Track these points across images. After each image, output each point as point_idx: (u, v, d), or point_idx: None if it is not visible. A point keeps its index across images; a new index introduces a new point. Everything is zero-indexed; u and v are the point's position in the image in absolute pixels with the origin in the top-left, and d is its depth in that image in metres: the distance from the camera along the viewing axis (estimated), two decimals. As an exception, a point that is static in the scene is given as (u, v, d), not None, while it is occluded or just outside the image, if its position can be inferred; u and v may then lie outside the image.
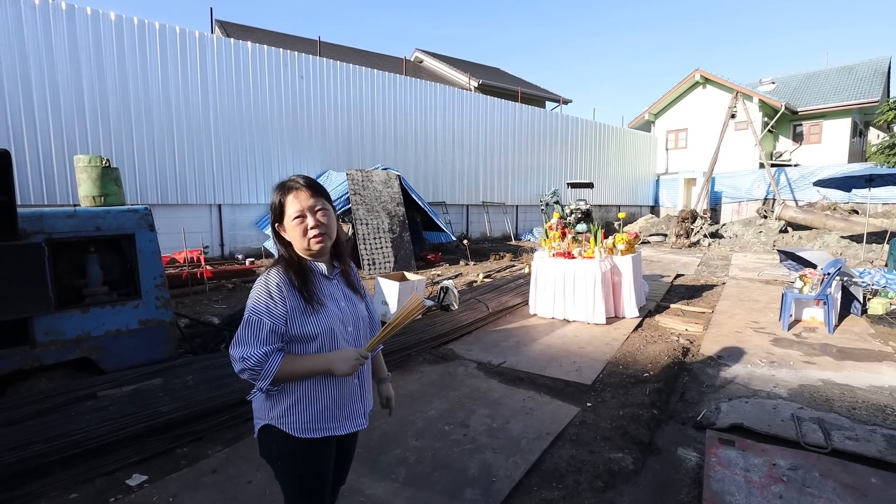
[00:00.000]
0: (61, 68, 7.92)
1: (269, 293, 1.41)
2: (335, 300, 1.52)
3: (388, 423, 3.22)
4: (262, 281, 1.43)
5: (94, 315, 3.47)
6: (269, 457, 1.54)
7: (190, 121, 9.31)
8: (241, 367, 1.38)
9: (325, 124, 11.37)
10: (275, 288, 1.41)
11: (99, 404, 3.03)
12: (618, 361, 4.41)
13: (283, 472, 1.53)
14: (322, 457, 1.55)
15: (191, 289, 6.99)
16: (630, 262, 5.87)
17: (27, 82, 7.65)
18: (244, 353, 1.38)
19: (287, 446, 1.49)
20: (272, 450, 1.51)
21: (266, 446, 1.52)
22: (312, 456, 1.53)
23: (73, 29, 8.00)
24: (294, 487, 1.54)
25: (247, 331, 1.39)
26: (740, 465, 2.68)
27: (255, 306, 1.41)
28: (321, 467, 1.56)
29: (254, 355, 1.37)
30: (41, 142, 7.80)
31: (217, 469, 2.70)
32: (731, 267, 10.27)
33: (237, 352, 1.39)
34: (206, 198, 9.61)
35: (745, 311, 6.21)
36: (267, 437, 1.51)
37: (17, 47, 7.54)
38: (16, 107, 7.57)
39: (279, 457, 1.51)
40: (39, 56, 7.73)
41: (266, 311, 1.40)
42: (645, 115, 23.93)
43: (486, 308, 5.84)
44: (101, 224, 3.52)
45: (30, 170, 7.70)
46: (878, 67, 21.50)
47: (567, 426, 3.18)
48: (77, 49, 8.04)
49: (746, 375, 4.04)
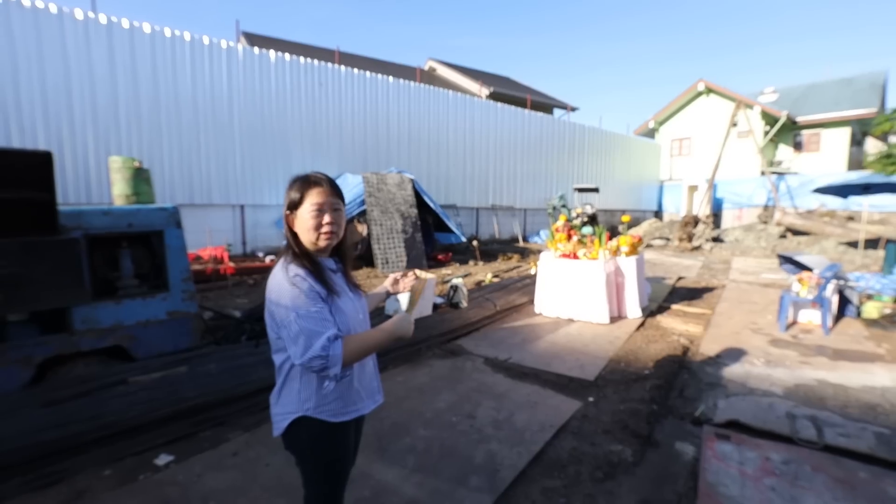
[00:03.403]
0: (100, 77, 8.08)
1: (300, 285, 1.35)
2: (345, 290, 1.51)
3: (399, 413, 3.25)
4: (283, 277, 1.37)
5: (126, 306, 3.56)
6: (298, 447, 1.49)
7: (216, 126, 9.43)
8: (322, 363, 1.30)
9: (343, 129, 11.45)
10: (301, 279, 1.36)
11: (129, 389, 3.11)
12: (620, 359, 4.40)
13: (312, 459, 1.49)
14: (349, 439, 1.55)
15: (215, 284, 7.08)
16: (633, 263, 5.84)
17: (69, 90, 7.81)
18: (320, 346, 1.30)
19: (321, 434, 1.46)
20: (302, 440, 1.46)
21: (296, 438, 1.47)
22: (343, 439, 1.52)
23: (111, 41, 8.16)
24: (320, 474, 1.50)
25: (304, 324, 1.31)
26: (735, 459, 2.67)
27: (297, 300, 1.33)
28: (348, 450, 1.56)
29: (329, 346, 1.31)
30: (80, 145, 7.97)
31: (238, 452, 2.75)
32: (731, 270, 10.16)
33: (314, 350, 1.29)
34: (230, 198, 9.73)
35: (744, 313, 6.15)
36: (298, 429, 1.45)
37: (60, 59, 7.71)
38: (58, 113, 7.74)
39: (309, 445, 1.47)
40: (80, 66, 7.89)
41: (311, 300, 1.34)
42: (650, 122, 23.72)
43: (494, 306, 5.84)
44: (133, 221, 3.60)
45: (69, 170, 7.87)
46: (875, 80, 21.11)
47: (569, 419, 3.19)
48: (114, 59, 8.20)
49: (744, 374, 4.01)
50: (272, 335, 1.45)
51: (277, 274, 1.39)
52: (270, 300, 1.39)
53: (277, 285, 1.37)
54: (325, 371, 1.32)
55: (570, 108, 23.35)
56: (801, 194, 17.92)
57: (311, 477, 1.52)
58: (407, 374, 4.00)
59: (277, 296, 1.36)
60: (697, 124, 22.26)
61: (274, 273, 1.41)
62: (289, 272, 1.37)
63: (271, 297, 1.38)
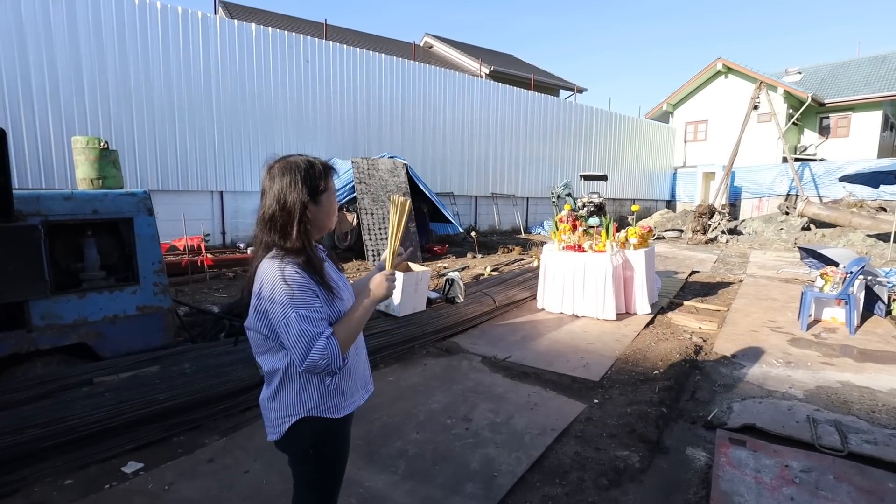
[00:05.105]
0: (60, 48, 7.95)
1: (299, 282, 1.36)
2: (337, 281, 1.53)
3: (389, 415, 3.24)
4: (277, 273, 1.36)
5: (91, 300, 3.51)
6: (300, 448, 1.51)
7: (192, 104, 9.34)
8: (327, 362, 1.34)
9: (331, 110, 11.36)
10: (299, 275, 1.37)
11: (95, 390, 3.08)
12: (627, 358, 4.41)
13: (314, 460, 1.52)
14: (348, 434, 1.62)
15: (191, 277, 7.05)
16: (643, 256, 5.84)
17: (25, 62, 7.67)
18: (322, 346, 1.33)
19: (325, 432, 1.50)
20: (305, 441, 1.49)
21: (297, 439, 1.49)
22: (344, 435, 1.58)
23: (73, 7, 8.02)
24: (321, 474, 1.54)
25: (305, 326, 1.34)
26: (751, 466, 2.67)
27: (296, 299, 1.35)
28: (346, 445, 1.62)
29: (328, 344, 1.34)
30: (39, 123, 7.84)
31: (214, 458, 2.74)
32: (749, 264, 10.19)
33: (316, 353, 1.33)
34: (208, 184, 9.66)
35: (763, 310, 6.17)
36: (301, 430, 1.48)
37: (14, 27, 7.57)
38: (13, 87, 7.61)
39: (312, 445, 1.50)
40: (38, 35, 7.74)
41: (310, 298, 1.37)
42: (663, 105, 23.65)
43: (493, 301, 5.85)
44: (98, 207, 3.55)
45: (27, 152, 7.76)
46: (913, 58, 21.06)
47: (573, 422, 3.19)
48: (76, 28, 8.07)
49: (761, 375, 4.02)
50: (258, 337, 1.46)
51: (269, 270, 1.38)
52: (262, 297, 1.38)
53: (271, 282, 1.36)
54: (329, 369, 1.36)
55: (577, 89, 23.24)
56: (827, 183, 17.94)
57: (309, 479, 1.55)
58: (399, 373, 4.00)
59: (271, 293, 1.35)
60: (715, 107, 22.20)
61: (264, 269, 1.40)
62: (285, 268, 1.37)
63: (263, 295, 1.38)
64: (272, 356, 1.48)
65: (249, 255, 1.71)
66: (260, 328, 1.43)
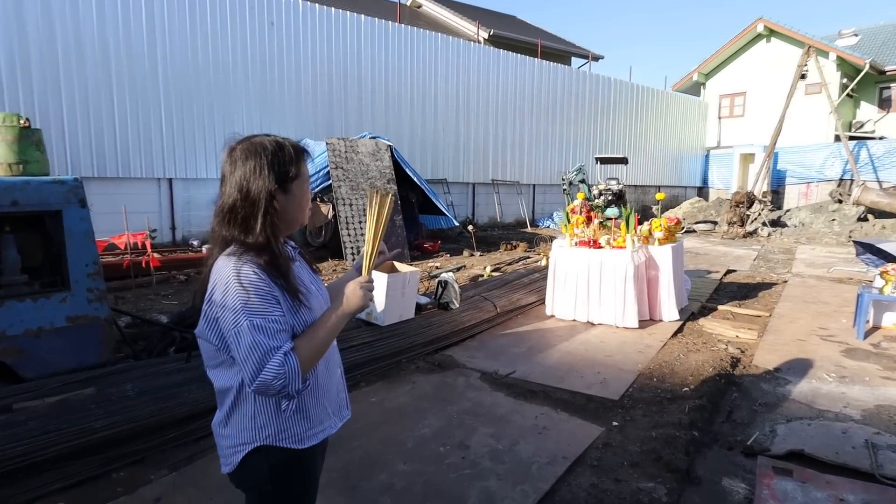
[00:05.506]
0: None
1: (257, 284, 1.34)
2: (307, 285, 1.51)
3: (372, 442, 3.23)
4: (233, 273, 1.34)
5: (9, 309, 3.46)
6: (256, 483, 1.50)
7: (134, 75, 9.25)
8: (282, 383, 1.30)
9: (301, 82, 11.32)
10: (259, 278, 1.34)
11: (15, 418, 3.03)
12: (652, 373, 4.42)
13: (273, 498, 1.50)
14: (317, 466, 1.60)
15: (134, 281, 6.99)
16: (669, 253, 5.86)
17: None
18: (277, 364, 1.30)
19: (285, 465, 1.48)
20: (261, 475, 1.48)
21: (253, 473, 1.48)
22: (310, 467, 1.56)
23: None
24: None
25: (259, 337, 1.31)
26: (798, 500, 2.67)
27: (252, 305, 1.32)
28: (315, 480, 1.60)
29: (285, 361, 1.31)
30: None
31: (161, 497, 2.71)
32: (795, 262, 10.25)
33: (270, 371, 1.30)
34: (154, 170, 9.60)
35: (811, 315, 6.20)
36: (256, 462, 1.46)
37: None
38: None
39: (271, 480, 1.48)
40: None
41: (269, 305, 1.34)
42: (693, 75, 23.77)
43: (494, 307, 5.86)
44: (18, 198, 3.50)
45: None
46: None
47: (588, 449, 3.19)
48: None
49: (810, 392, 4.03)
50: (209, 348, 1.44)
51: (223, 269, 1.36)
52: (214, 302, 1.36)
53: (224, 283, 1.35)
54: (285, 391, 1.33)
55: (592, 56, 23.30)
56: (888, 165, 18.09)
57: None
58: (383, 392, 3.99)
59: (223, 297, 1.34)
60: (755, 77, 22.33)
61: (218, 267, 1.38)
62: (242, 267, 1.35)
63: (214, 298, 1.36)
64: (224, 371, 1.45)
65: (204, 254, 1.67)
66: (210, 337, 1.41)
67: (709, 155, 23.31)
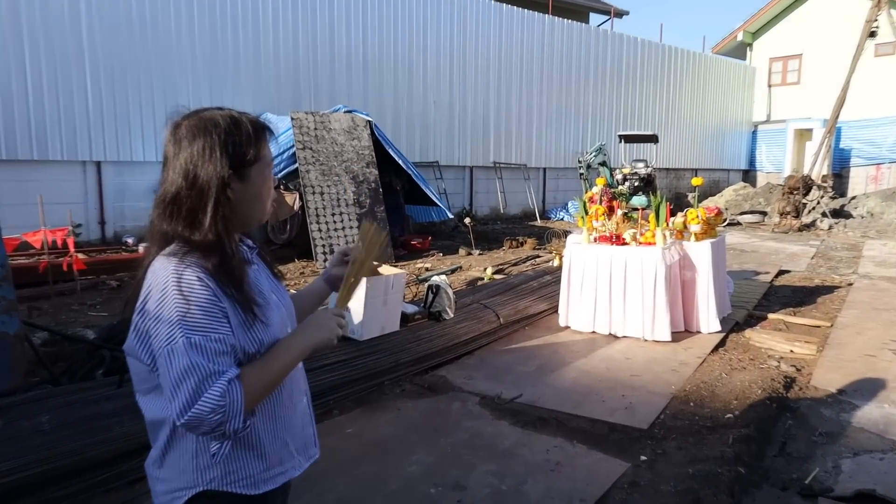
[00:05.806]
0: None
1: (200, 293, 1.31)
2: (266, 294, 1.50)
3: (348, 483, 3.21)
4: (171, 277, 1.31)
5: None
6: None
7: (51, 35, 9.21)
8: (219, 419, 1.25)
9: (261, 46, 11.33)
10: (202, 285, 1.31)
11: None
12: (688, 396, 4.42)
13: None
14: None
15: (52, 288, 6.95)
16: (708, 250, 5.86)
17: None
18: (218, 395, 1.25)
19: None
20: None
21: None
22: None
23: None
24: None
25: (197, 359, 1.27)
26: (867, 549, 2.68)
27: (190, 317, 1.29)
28: None
29: (228, 391, 1.26)
30: None
31: (85, 553, 2.69)
32: (861, 260, 10.29)
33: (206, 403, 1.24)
34: (79, 152, 9.58)
35: (883, 325, 6.22)
36: None
37: None
38: None
39: None
40: None
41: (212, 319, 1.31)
42: (738, 34, 23.86)
43: (496, 317, 5.85)
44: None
45: None
46: None
47: (610, 489, 3.18)
48: None
49: (881, 420, 4.04)
50: (140, 368, 1.41)
51: (161, 272, 1.33)
52: (147, 312, 1.33)
53: (161, 290, 1.31)
54: (220, 429, 1.28)
55: (614, 11, 23.35)
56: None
57: None
58: (361, 422, 3.98)
59: (158, 306, 1.31)
60: (812, 35, 22.38)
61: (155, 269, 1.35)
62: (184, 272, 1.32)
63: (148, 308, 1.33)
64: (158, 399, 1.41)
65: (141, 254, 1.64)
66: (141, 355, 1.37)
67: (756, 131, 23.43)
